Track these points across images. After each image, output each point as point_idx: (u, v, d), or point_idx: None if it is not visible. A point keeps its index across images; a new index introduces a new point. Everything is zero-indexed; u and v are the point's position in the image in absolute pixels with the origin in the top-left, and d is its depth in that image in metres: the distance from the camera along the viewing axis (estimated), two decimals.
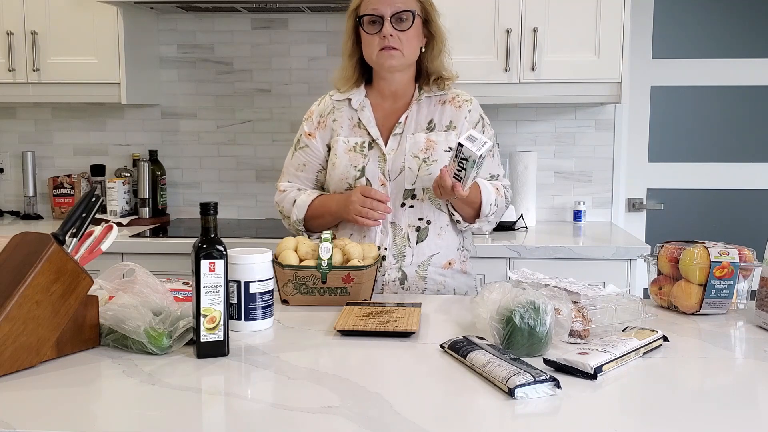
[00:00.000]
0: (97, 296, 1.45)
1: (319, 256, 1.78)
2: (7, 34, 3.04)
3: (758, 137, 3.45)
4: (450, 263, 2.07)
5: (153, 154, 3.34)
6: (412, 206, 2.02)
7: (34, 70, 3.05)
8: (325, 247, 1.78)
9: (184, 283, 1.75)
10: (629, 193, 3.47)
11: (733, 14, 3.39)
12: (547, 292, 1.48)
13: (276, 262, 1.78)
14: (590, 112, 3.31)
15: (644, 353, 1.42)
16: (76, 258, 1.42)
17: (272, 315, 1.62)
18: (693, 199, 3.48)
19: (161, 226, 3.22)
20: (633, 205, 3.47)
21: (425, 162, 1.99)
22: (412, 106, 2.05)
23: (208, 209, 1.40)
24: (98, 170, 3.40)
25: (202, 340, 1.38)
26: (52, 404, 1.19)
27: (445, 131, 2.03)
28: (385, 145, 2.02)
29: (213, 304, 1.38)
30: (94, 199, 1.44)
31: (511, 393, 1.19)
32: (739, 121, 3.45)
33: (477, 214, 2.02)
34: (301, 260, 1.81)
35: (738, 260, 1.69)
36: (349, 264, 1.80)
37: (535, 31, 2.90)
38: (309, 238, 2.07)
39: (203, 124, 3.43)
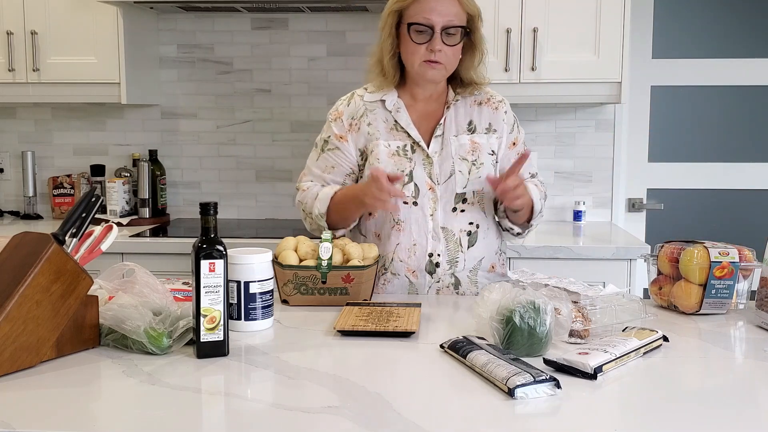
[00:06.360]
0: (97, 296, 1.45)
1: (318, 256, 1.77)
2: (7, 34, 3.04)
3: (758, 137, 3.45)
4: (493, 266, 2.05)
5: (153, 154, 3.34)
6: (463, 210, 1.97)
7: (34, 70, 3.05)
8: (325, 247, 1.78)
9: (184, 283, 1.75)
10: (629, 193, 3.47)
11: (733, 14, 3.39)
12: (547, 292, 1.48)
13: (276, 262, 1.78)
14: (590, 112, 3.31)
15: (644, 353, 1.42)
16: (76, 258, 1.41)
17: (272, 315, 1.61)
18: (693, 199, 3.48)
19: (161, 226, 3.22)
20: (633, 205, 3.47)
21: (474, 164, 1.97)
22: (450, 107, 2.00)
23: (208, 209, 1.40)
24: (98, 170, 3.39)
25: (202, 340, 1.38)
26: (52, 404, 1.19)
27: (486, 133, 2.01)
28: (428, 148, 1.97)
29: (213, 304, 1.38)
30: (94, 199, 1.44)
31: (511, 393, 1.19)
32: (739, 121, 3.44)
33: (530, 216, 2.00)
34: (301, 260, 1.81)
35: (738, 260, 1.69)
36: (349, 264, 1.80)
37: (535, 31, 2.90)
38: (317, 235, 2.02)
39: (203, 124, 3.42)
